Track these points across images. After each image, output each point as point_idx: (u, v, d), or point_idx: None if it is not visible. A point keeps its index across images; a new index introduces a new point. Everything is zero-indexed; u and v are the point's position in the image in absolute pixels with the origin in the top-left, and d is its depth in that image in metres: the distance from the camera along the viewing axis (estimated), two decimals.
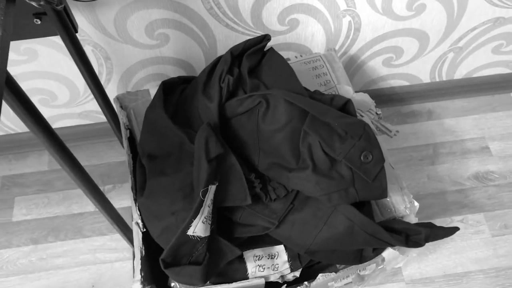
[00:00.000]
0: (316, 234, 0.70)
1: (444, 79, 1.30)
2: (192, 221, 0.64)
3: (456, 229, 0.72)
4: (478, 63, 1.25)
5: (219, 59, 0.80)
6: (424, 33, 1.11)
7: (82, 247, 1.16)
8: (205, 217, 0.65)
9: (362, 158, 0.68)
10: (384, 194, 0.70)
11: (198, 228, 0.65)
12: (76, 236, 1.17)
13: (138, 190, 0.76)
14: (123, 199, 1.21)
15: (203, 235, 0.65)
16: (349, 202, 0.68)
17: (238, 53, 0.78)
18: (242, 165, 0.72)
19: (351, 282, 0.82)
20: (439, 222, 1.17)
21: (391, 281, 1.09)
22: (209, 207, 0.66)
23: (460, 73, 1.29)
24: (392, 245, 0.71)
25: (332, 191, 0.68)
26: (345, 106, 0.75)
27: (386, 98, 1.32)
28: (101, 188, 1.24)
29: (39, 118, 0.64)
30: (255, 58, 0.79)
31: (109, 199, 1.24)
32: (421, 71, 1.26)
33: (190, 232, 0.64)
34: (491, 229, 1.16)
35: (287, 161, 0.72)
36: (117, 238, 1.16)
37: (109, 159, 1.29)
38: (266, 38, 0.79)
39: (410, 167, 1.24)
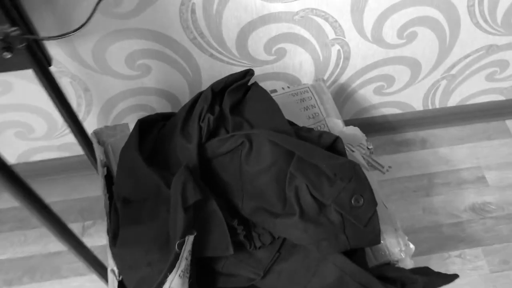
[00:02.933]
0: (304, 286, 0.64)
1: (438, 106, 1.26)
2: (168, 276, 0.59)
3: (455, 276, 0.67)
4: (472, 90, 1.22)
5: (199, 95, 0.75)
6: (416, 61, 1.07)
7: None
8: (181, 271, 0.59)
9: (352, 201, 0.63)
10: (377, 240, 0.64)
11: (175, 283, 0.59)
12: (53, 277, 1.11)
13: (111, 239, 0.71)
14: (103, 237, 1.15)
15: None
16: (340, 250, 0.63)
17: (219, 89, 0.74)
18: (224, 210, 0.66)
19: None
20: (435, 257, 1.11)
21: None
22: (186, 259, 0.60)
23: (453, 101, 1.25)
24: None
25: (320, 238, 0.63)
26: (334, 144, 0.70)
27: (378, 126, 1.28)
28: (81, 224, 1.18)
29: None
30: (237, 94, 0.75)
31: (89, 235, 1.19)
32: (413, 99, 1.22)
33: (165, 287, 0.59)
34: (490, 265, 1.11)
35: (272, 205, 0.67)
36: (97, 279, 1.09)
37: (90, 193, 1.23)
38: (249, 73, 0.75)
39: (405, 199, 1.19)
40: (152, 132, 0.78)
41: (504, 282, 1.08)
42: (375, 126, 1.28)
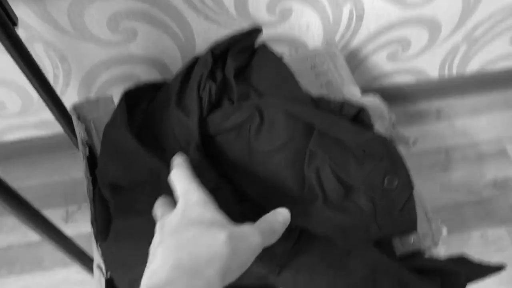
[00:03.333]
0: (327, 285, 0.54)
1: (455, 74, 1.15)
2: None
3: (501, 267, 0.58)
4: (493, 55, 1.11)
5: (195, 60, 0.63)
6: (436, 21, 0.96)
7: (42, 282, 0.99)
8: None
9: (385, 183, 0.53)
10: (413, 227, 0.54)
11: None
12: (34, 269, 1.00)
13: (99, 232, 0.59)
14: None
15: None
16: (370, 241, 0.53)
17: (220, 52, 0.62)
18: (231, 195, 0.55)
19: None
20: (455, 238, 1.02)
21: None
22: None
23: (472, 68, 1.14)
24: None
25: (347, 228, 0.52)
26: (358, 116, 0.59)
27: (390, 97, 1.17)
28: (65, 209, 1.07)
29: None
30: (242, 58, 0.63)
31: (74, 221, 1.08)
32: (429, 66, 1.11)
33: None
34: None
35: (288, 189, 0.56)
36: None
37: (74, 175, 1.11)
38: (256, 31, 0.62)
39: (420, 176, 1.09)
40: (140, 106, 0.66)
41: None
42: (387, 97, 1.15)
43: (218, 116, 0.58)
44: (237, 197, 0.57)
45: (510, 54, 1.12)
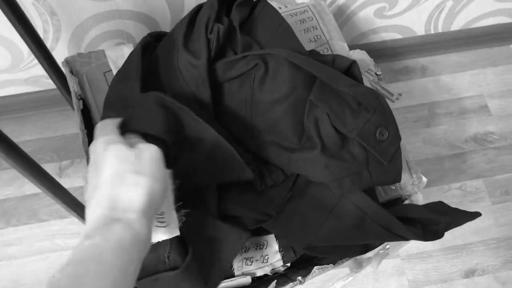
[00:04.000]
0: (319, 227, 0.58)
1: (440, 30, 1.17)
2: None
3: (477, 214, 0.62)
4: (478, 12, 1.12)
5: (199, 7, 0.64)
6: None
7: (39, 232, 1.02)
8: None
9: (377, 135, 0.56)
10: (398, 178, 0.58)
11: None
12: (30, 221, 1.03)
13: None
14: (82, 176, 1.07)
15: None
16: (362, 188, 0.56)
17: None
18: (233, 142, 0.58)
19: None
20: (436, 190, 1.07)
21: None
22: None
23: (457, 24, 1.16)
24: (407, 239, 0.59)
25: (343, 175, 0.56)
26: (349, 70, 0.61)
27: (376, 53, 1.19)
28: (57, 165, 1.09)
29: None
30: (245, 10, 0.63)
31: (67, 176, 1.10)
32: (415, 23, 1.12)
33: None
34: (491, 196, 1.07)
35: (287, 139, 0.59)
36: (79, 222, 1.02)
37: (65, 131, 1.12)
38: None
39: (404, 130, 1.13)
40: (145, 55, 0.67)
41: (505, 213, 1.05)
42: (374, 53, 1.17)
43: (221, 65, 0.59)
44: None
45: (494, 11, 1.13)
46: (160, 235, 0.49)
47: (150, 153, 0.45)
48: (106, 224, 0.40)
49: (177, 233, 0.50)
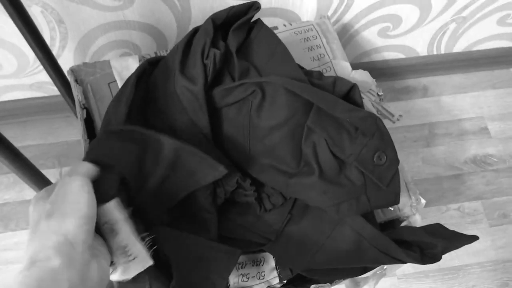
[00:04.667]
0: (317, 251, 0.58)
1: (443, 52, 1.18)
2: None
3: (474, 238, 0.62)
4: (481, 35, 1.14)
5: (195, 31, 0.64)
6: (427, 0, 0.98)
7: None
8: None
9: (375, 159, 0.56)
10: (396, 200, 0.58)
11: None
12: (29, 226, 1.03)
13: None
14: None
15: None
16: (360, 212, 0.57)
17: (220, 23, 0.63)
18: (229, 165, 0.58)
19: None
20: (434, 210, 1.07)
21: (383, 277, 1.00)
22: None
23: (460, 46, 1.17)
24: (404, 263, 0.60)
25: (341, 200, 0.56)
26: (349, 93, 0.62)
27: (378, 72, 1.20)
28: (58, 171, 1.09)
29: None
30: (241, 33, 0.64)
31: None
32: (418, 43, 1.13)
33: None
34: (489, 219, 1.07)
35: (285, 164, 0.59)
36: None
37: (68, 137, 1.13)
38: (254, 6, 0.63)
39: (404, 149, 1.13)
40: (141, 81, 0.67)
41: (502, 236, 1.06)
42: (376, 72, 1.19)
43: (219, 92, 0.59)
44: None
45: (497, 35, 1.15)
46: (132, 270, 0.47)
47: (67, 187, 0.44)
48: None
49: (150, 262, 0.48)
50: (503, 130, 1.18)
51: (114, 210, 0.47)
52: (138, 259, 0.47)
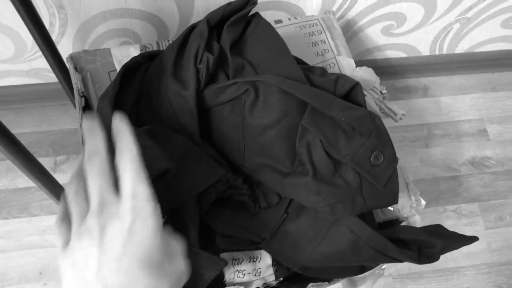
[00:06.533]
0: (313, 249, 0.57)
1: (445, 52, 1.17)
2: None
3: (474, 238, 0.61)
4: (484, 37, 1.13)
5: (191, 29, 0.62)
6: None
7: (28, 227, 1.00)
8: None
9: (372, 159, 0.55)
10: (395, 200, 0.57)
11: None
12: (21, 214, 1.01)
13: None
14: None
15: None
16: (355, 213, 0.56)
17: (216, 22, 0.61)
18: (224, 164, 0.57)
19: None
20: (431, 211, 1.07)
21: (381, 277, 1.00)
22: None
23: (462, 47, 1.16)
24: (401, 262, 0.59)
25: (336, 201, 0.55)
26: (352, 91, 0.61)
27: (380, 70, 1.17)
28: (53, 159, 1.08)
29: None
30: (237, 29, 0.62)
31: (61, 172, 1.09)
32: (421, 43, 1.12)
33: None
34: (485, 221, 1.07)
35: (280, 163, 0.58)
36: None
37: (63, 125, 1.11)
38: (250, 2, 0.61)
39: (402, 149, 1.13)
40: (136, 76, 0.65)
41: (498, 239, 1.06)
42: (377, 70, 1.16)
43: (212, 91, 0.58)
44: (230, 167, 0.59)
45: (499, 37, 1.14)
46: None
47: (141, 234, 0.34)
48: None
49: None
50: (501, 133, 1.18)
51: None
52: None
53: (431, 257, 0.58)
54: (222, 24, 0.62)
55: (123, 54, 0.76)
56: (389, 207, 0.71)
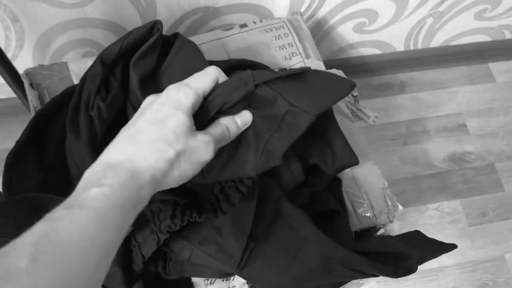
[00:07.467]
0: (284, 271, 0.54)
1: (420, 47, 1.15)
2: None
3: (453, 246, 0.59)
4: (458, 30, 1.11)
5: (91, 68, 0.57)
6: None
7: None
8: None
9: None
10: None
11: None
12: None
13: None
14: None
15: None
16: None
17: (112, 61, 0.55)
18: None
19: None
20: (412, 210, 1.05)
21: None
22: None
23: (437, 41, 1.14)
24: (378, 276, 0.56)
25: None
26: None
27: (354, 68, 1.16)
28: None
29: None
30: (149, 62, 0.55)
31: None
32: (395, 39, 1.10)
33: None
34: (468, 218, 1.05)
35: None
36: None
37: None
38: (156, 27, 0.55)
39: (381, 148, 1.10)
40: (59, 115, 0.61)
41: (481, 235, 1.04)
42: (351, 68, 1.16)
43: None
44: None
45: (474, 29, 1.12)
46: None
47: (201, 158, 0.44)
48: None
49: None
50: (481, 127, 1.16)
51: None
52: None
53: (408, 269, 0.55)
54: (123, 57, 0.56)
55: (81, 68, 0.73)
56: (366, 214, 0.68)
